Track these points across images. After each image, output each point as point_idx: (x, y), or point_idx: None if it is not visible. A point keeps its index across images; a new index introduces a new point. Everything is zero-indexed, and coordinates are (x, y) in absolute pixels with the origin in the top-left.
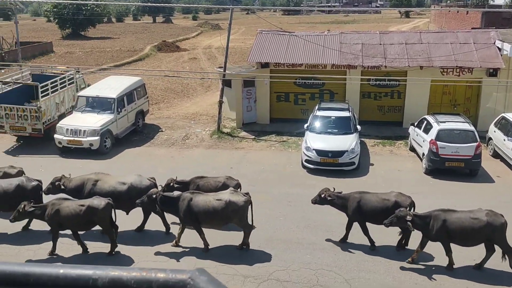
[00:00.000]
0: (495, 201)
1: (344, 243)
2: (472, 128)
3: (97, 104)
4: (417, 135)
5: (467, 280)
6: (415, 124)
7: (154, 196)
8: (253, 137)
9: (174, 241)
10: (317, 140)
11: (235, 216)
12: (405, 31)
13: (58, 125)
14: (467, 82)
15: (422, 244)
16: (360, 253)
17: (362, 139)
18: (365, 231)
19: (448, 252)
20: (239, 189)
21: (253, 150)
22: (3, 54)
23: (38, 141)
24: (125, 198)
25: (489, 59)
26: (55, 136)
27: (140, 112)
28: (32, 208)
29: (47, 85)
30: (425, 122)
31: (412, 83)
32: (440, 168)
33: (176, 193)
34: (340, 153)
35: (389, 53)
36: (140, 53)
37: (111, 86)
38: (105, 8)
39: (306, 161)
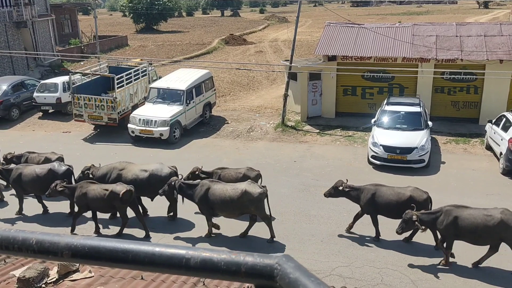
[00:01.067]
0: None
1: (410, 243)
2: None
3: (168, 96)
4: (494, 133)
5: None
6: (493, 121)
7: (173, 183)
8: (318, 131)
9: (206, 232)
10: (384, 136)
11: (251, 205)
12: (484, 22)
13: (131, 115)
14: None
15: (448, 245)
16: (428, 253)
17: (434, 136)
18: (375, 223)
19: (448, 249)
20: (260, 180)
21: (317, 144)
22: (83, 47)
23: (113, 130)
24: (146, 185)
25: None
26: (129, 125)
27: (208, 104)
28: (62, 188)
29: (122, 77)
30: (504, 119)
31: (490, 77)
32: None
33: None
34: (409, 150)
35: (466, 46)
36: (208, 46)
37: (181, 78)
38: (176, 2)
39: (373, 157)
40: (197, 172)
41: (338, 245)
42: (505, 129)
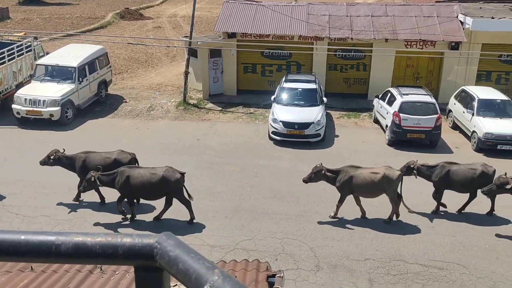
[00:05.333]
0: None
1: (305, 213)
2: (433, 100)
3: (57, 73)
4: (381, 107)
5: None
6: (380, 96)
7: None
8: (220, 108)
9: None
10: (283, 112)
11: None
12: (372, 3)
13: (16, 95)
14: (429, 54)
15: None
16: (325, 222)
17: (328, 111)
18: (340, 200)
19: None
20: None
21: (220, 121)
22: None
23: None
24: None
25: (452, 32)
26: (13, 106)
27: (103, 82)
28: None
29: (3, 52)
30: (389, 94)
31: (377, 54)
32: (402, 139)
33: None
34: (306, 125)
35: (356, 25)
36: (101, 20)
37: (72, 54)
38: None
39: (273, 133)
40: (53, 157)
41: (241, 220)
42: (390, 103)
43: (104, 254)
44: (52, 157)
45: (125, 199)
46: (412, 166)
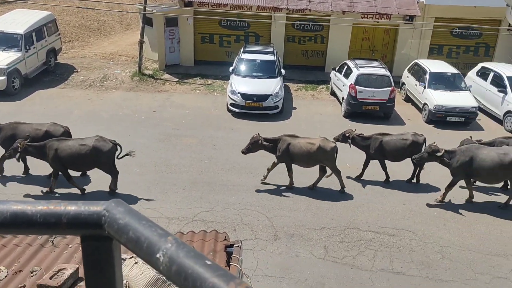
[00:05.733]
0: None
1: (266, 184)
2: (388, 73)
3: (2, 41)
4: (338, 79)
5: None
6: (337, 69)
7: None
8: (177, 79)
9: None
10: (242, 84)
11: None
12: None
13: None
14: (385, 26)
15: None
16: (282, 193)
17: (286, 83)
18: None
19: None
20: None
21: (177, 93)
22: None
23: None
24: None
25: (406, 6)
26: None
27: (52, 51)
28: None
29: None
30: (346, 67)
31: (335, 24)
32: (357, 111)
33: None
34: (265, 97)
35: None
36: None
37: (17, 20)
38: None
39: (231, 104)
40: None
41: (200, 192)
42: (346, 75)
43: (46, 223)
44: None
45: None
46: (347, 135)
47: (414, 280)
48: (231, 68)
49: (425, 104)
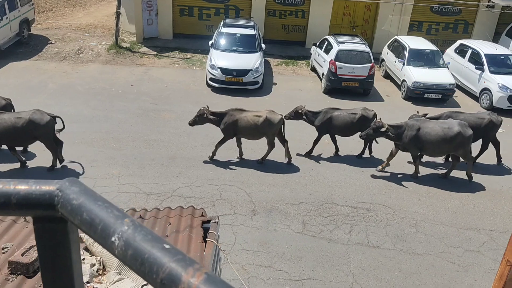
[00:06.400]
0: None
1: (243, 160)
2: (368, 49)
3: None
4: (318, 55)
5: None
6: (317, 44)
7: None
8: (155, 53)
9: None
10: (222, 58)
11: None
12: None
13: None
14: (366, 3)
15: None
16: (261, 168)
17: (267, 58)
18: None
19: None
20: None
21: (155, 67)
22: None
23: None
24: None
25: None
26: None
27: (25, 21)
28: None
29: None
30: (326, 42)
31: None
32: (337, 87)
33: None
34: (245, 72)
35: None
36: None
37: None
38: None
39: (211, 79)
40: None
41: (179, 167)
42: (327, 51)
43: None
44: None
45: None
46: (300, 111)
47: (389, 253)
48: (210, 42)
49: (403, 80)
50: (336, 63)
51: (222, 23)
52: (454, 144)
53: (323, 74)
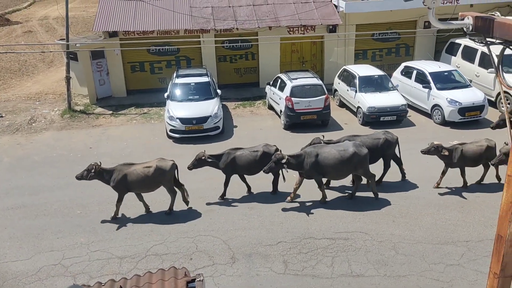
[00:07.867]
0: None
1: (213, 206)
2: (320, 82)
3: None
4: (273, 93)
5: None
6: (271, 83)
7: None
8: (111, 112)
9: None
10: (179, 108)
11: None
12: None
13: None
14: (311, 39)
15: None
16: (234, 213)
17: (224, 102)
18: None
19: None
20: None
21: (113, 126)
22: None
23: None
24: None
25: (328, 16)
26: None
27: None
28: None
29: None
30: (279, 80)
31: (263, 43)
32: (296, 122)
33: None
34: (204, 119)
35: (239, 15)
36: None
37: None
38: None
39: (171, 130)
40: None
41: (150, 226)
42: (281, 89)
43: None
44: None
45: None
46: (202, 157)
47: (374, 280)
48: (166, 94)
49: (358, 107)
50: (292, 99)
51: (175, 74)
52: (353, 165)
53: (280, 111)
